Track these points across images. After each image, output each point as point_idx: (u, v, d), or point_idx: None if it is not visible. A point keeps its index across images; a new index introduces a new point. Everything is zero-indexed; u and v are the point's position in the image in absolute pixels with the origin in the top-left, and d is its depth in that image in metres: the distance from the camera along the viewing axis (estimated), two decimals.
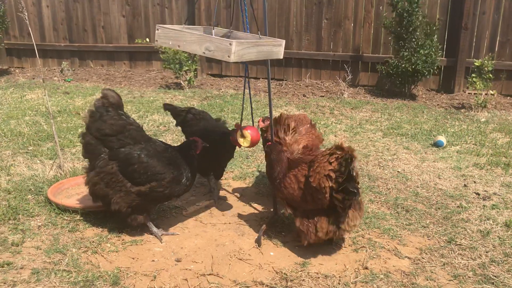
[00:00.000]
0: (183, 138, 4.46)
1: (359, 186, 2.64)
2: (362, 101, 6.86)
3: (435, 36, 6.88)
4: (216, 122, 3.74)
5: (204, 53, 2.58)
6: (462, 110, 6.40)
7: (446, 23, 7.34)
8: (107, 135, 2.98)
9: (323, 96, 7.24)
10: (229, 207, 3.48)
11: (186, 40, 2.66)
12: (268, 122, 3.29)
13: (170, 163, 2.97)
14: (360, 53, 7.83)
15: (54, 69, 9.21)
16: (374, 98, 7.13)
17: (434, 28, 6.84)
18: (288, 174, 2.90)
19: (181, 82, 7.49)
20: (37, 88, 7.42)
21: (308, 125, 3.42)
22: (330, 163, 2.62)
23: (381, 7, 7.57)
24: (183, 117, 3.79)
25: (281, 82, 8.16)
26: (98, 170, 2.95)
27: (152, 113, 5.95)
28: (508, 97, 7.25)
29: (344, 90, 7.27)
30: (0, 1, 8.76)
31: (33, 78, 8.46)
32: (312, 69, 8.17)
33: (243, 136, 3.15)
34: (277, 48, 2.85)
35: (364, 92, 7.49)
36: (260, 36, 2.97)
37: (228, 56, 2.50)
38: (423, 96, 7.34)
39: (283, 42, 2.88)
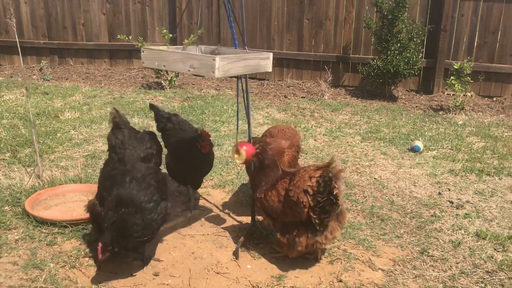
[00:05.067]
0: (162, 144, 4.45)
1: (339, 202, 2.66)
2: (342, 102, 6.93)
3: (419, 39, 6.98)
4: (195, 133, 3.72)
5: (189, 70, 2.61)
6: (440, 113, 6.51)
7: (425, 25, 7.42)
8: None
9: (304, 97, 7.29)
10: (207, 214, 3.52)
11: (170, 59, 2.69)
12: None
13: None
14: (341, 54, 7.89)
15: (33, 66, 9.07)
16: (354, 99, 7.21)
17: (421, 33, 6.93)
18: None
19: (162, 82, 7.46)
20: (15, 88, 7.32)
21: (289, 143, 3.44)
22: (310, 179, 2.67)
23: (362, 8, 7.62)
24: (164, 124, 3.79)
25: (262, 81, 8.19)
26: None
27: (132, 115, 5.92)
28: (486, 98, 7.40)
29: (324, 91, 7.33)
30: None
31: (11, 77, 8.33)
32: (293, 69, 8.21)
33: (238, 152, 3.15)
34: (264, 62, 2.90)
35: (345, 93, 7.56)
36: (248, 50, 2.98)
37: (213, 72, 2.53)
38: (403, 97, 7.44)
39: (271, 55, 2.93)
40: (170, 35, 7.30)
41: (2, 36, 9.19)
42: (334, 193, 2.62)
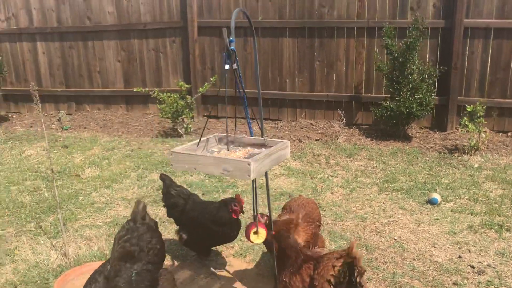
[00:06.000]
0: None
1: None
2: (357, 146, 6.97)
3: (431, 79, 7.05)
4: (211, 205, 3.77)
5: (223, 173, 2.64)
6: (455, 154, 6.52)
7: (436, 63, 7.49)
8: None
9: (318, 139, 7.35)
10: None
11: (202, 163, 2.72)
12: (266, 218, 3.34)
13: None
14: (353, 93, 7.97)
15: (52, 113, 9.33)
16: (369, 140, 7.25)
17: (433, 73, 7.01)
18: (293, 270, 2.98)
19: (178, 129, 7.59)
20: (36, 140, 7.52)
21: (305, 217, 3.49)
22: (333, 268, 2.71)
23: (372, 49, 7.72)
24: (176, 200, 3.83)
25: (276, 122, 8.29)
26: None
27: (151, 170, 6.03)
28: (500, 134, 7.40)
29: (338, 133, 7.39)
30: None
31: (31, 127, 8.55)
32: (306, 109, 8.30)
33: (256, 232, 3.20)
34: (284, 151, 2.98)
35: (359, 133, 7.61)
36: (265, 139, 3.04)
37: (248, 175, 2.57)
38: (417, 135, 7.47)
39: (288, 142, 3.02)
40: (186, 86, 7.47)
41: (22, 85, 9.46)
42: (358, 281, 2.66)
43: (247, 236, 3.19)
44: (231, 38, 2.69)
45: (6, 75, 9.15)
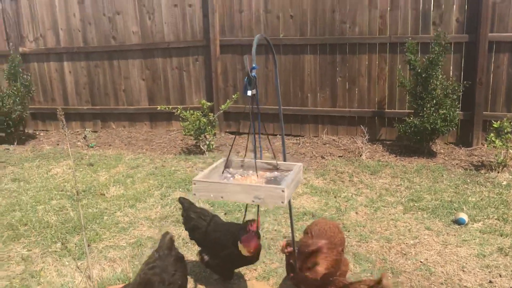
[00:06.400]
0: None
1: None
2: (381, 162, 6.89)
3: (455, 95, 6.94)
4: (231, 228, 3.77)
5: (253, 201, 2.65)
6: (482, 171, 6.37)
7: (460, 78, 7.38)
8: None
9: (341, 156, 7.29)
10: None
11: (229, 191, 2.71)
12: (290, 248, 3.34)
13: None
14: (376, 109, 7.90)
15: (78, 131, 9.51)
16: (392, 157, 7.16)
17: (457, 88, 6.91)
18: None
19: (201, 146, 7.64)
20: (62, 159, 7.66)
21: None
22: None
23: (394, 64, 7.66)
24: (196, 222, 3.84)
25: (298, 139, 8.27)
26: None
27: (174, 188, 6.07)
28: None
29: (362, 149, 7.32)
30: (26, 73, 9.12)
31: (58, 145, 8.73)
32: (328, 125, 8.26)
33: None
34: (299, 174, 3.07)
35: (383, 149, 7.52)
36: (277, 162, 3.06)
37: (282, 202, 2.59)
38: (442, 151, 7.34)
39: (302, 165, 3.13)
40: (208, 104, 7.55)
41: (49, 103, 9.68)
42: None
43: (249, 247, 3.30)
44: (253, 65, 2.71)
45: (34, 94, 9.40)
